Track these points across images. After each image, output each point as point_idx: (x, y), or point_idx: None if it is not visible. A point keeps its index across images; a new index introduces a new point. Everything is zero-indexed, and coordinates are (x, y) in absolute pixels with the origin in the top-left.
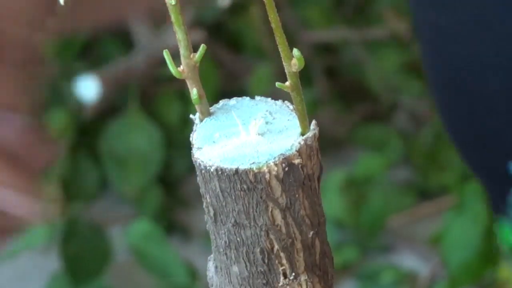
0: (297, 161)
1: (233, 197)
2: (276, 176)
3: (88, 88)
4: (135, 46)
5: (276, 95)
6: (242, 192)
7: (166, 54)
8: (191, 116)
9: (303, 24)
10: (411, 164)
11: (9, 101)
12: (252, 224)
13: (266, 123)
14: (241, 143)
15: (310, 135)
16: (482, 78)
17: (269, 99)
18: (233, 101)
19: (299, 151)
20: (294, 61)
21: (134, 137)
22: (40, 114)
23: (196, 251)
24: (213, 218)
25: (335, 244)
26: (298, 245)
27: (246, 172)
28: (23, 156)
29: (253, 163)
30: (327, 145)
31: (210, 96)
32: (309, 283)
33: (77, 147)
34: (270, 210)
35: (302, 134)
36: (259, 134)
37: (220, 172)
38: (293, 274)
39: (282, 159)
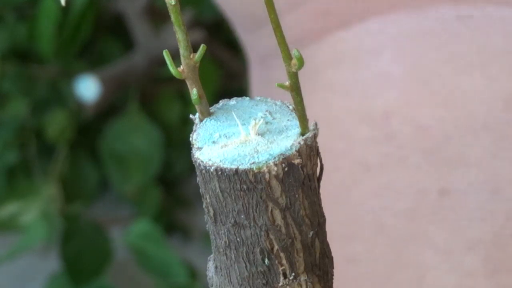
0: (297, 161)
1: (233, 197)
2: (276, 176)
3: (88, 88)
4: (135, 46)
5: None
6: (242, 192)
7: (166, 54)
8: (191, 116)
9: None
10: None
11: None
12: (252, 224)
13: (266, 123)
14: (241, 143)
15: (310, 135)
16: None
17: (269, 99)
18: (233, 101)
19: (299, 151)
20: (294, 61)
21: (134, 137)
22: None
23: (196, 251)
24: (213, 218)
25: None
26: (298, 245)
27: (246, 172)
28: None
29: (253, 163)
30: None
31: (210, 96)
32: (309, 283)
33: (77, 147)
34: (270, 210)
35: (302, 134)
36: (259, 134)
37: (220, 172)
38: (293, 274)
39: (282, 159)
